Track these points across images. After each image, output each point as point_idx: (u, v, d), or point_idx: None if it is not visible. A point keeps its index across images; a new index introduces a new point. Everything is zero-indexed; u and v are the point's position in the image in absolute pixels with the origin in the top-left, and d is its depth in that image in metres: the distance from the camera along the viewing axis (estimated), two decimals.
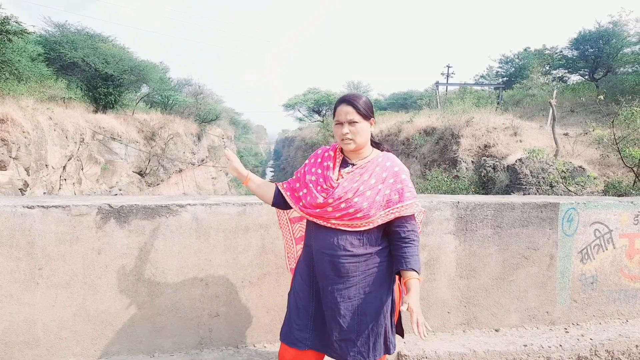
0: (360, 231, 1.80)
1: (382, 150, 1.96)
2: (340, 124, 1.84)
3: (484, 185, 11.95)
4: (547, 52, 28.65)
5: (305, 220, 1.97)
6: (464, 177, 12.42)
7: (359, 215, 1.76)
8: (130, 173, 21.27)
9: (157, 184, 23.57)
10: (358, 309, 1.81)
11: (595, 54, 23.17)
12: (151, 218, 2.32)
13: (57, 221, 2.22)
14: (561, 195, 8.60)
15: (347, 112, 1.81)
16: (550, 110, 16.18)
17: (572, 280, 2.81)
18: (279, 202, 1.99)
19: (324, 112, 38.93)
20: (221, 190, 34.65)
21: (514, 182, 10.45)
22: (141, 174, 22.16)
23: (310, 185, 1.88)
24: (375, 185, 1.80)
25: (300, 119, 43.06)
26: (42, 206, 2.21)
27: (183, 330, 2.40)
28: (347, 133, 1.81)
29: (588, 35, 23.31)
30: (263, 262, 2.47)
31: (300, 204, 1.89)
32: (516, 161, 10.71)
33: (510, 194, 10.34)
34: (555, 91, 16.80)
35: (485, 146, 13.99)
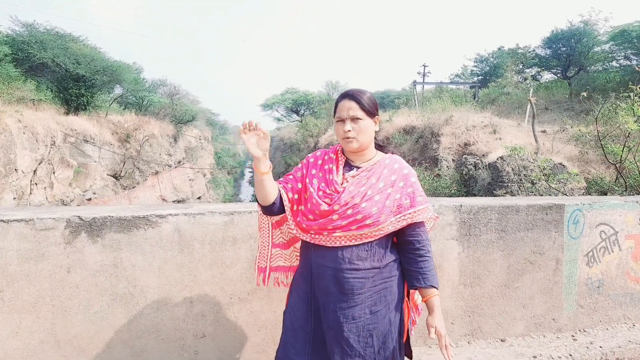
0: (369, 242, 1.61)
1: (386, 153, 1.77)
2: (341, 120, 1.65)
3: (466, 183, 11.95)
4: (520, 51, 29.13)
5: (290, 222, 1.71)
6: (445, 176, 12.39)
7: (367, 222, 1.57)
8: (105, 176, 20.63)
9: (133, 187, 22.95)
10: (364, 330, 1.61)
11: (567, 53, 23.62)
12: (127, 231, 2.08)
13: (19, 237, 1.96)
14: (548, 194, 8.60)
15: (349, 107, 1.62)
16: (530, 108, 16.37)
17: (578, 284, 2.69)
18: (277, 205, 1.68)
19: (302, 112, 38.74)
20: (199, 192, 34.07)
21: (496, 180, 10.46)
22: (116, 176, 21.53)
23: (312, 190, 1.66)
24: (384, 189, 1.62)
25: (279, 119, 42.75)
26: (2, 220, 1.94)
27: (166, 353, 2.17)
28: (350, 130, 1.61)
29: (560, 34, 23.76)
30: (253, 276, 2.23)
31: (298, 219, 1.67)
32: (497, 159, 10.73)
33: (492, 192, 10.34)
34: (532, 89, 16.98)
35: (466, 144, 14.01)
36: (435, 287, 1.60)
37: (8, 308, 1.97)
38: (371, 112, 1.65)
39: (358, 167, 1.70)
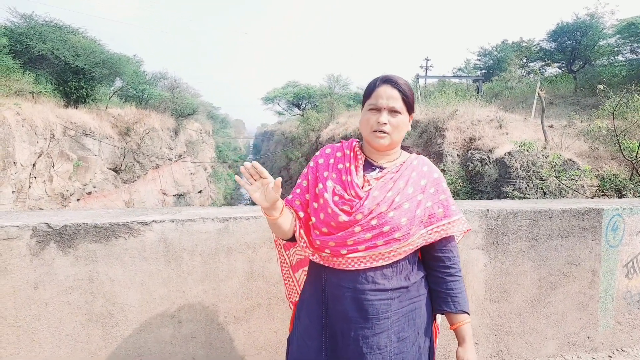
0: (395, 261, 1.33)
1: (410, 153, 1.48)
2: (376, 109, 1.34)
3: (472, 179, 11.65)
4: (524, 44, 28.78)
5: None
6: (450, 172, 12.08)
7: (396, 235, 1.28)
8: (105, 170, 20.39)
9: (134, 181, 22.73)
10: None
11: (572, 46, 23.24)
12: (105, 240, 1.79)
13: None
14: (558, 191, 8.31)
15: (390, 95, 1.32)
16: (536, 102, 16.02)
17: (616, 299, 2.40)
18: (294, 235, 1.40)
19: (303, 105, 38.35)
20: (200, 186, 33.86)
21: (504, 176, 10.15)
22: (116, 170, 21.30)
23: (327, 195, 1.35)
24: (414, 196, 1.33)
25: (280, 113, 42.38)
26: None
27: None
28: (386, 124, 1.32)
29: (566, 27, 23.36)
30: (251, 291, 1.96)
31: (311, 237, 1.37)
32: (505, 154, 10.41)
33: (500, 189, 10.03)
34: (539, 83, 16.62)
35: (471, 139, 13.67)
36: (467, 313, 1.34)
37: None
38: (411, 106, 1.37)
39: (381, 168, 1.39)
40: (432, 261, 1.37)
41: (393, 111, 1.32)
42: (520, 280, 2.25)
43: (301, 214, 1.39)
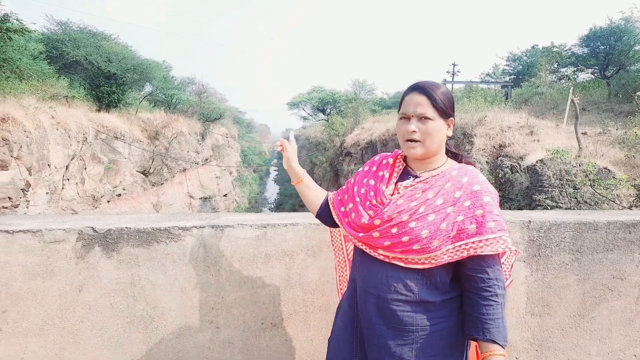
0: (419, 269, 1.29)
1: (460, 162, 1.44)
2: (406, 118, 1.33)
3: (501, 187, 11.41)
4: (555, 49, 28.20)
5: None
6: None
7: (415, 247, 1.26)
8: (134, 172, 20.88)
9: (162, 184, 23.20)
10: None
11: (606, 51, 22.60)
12: (147, 245, 1.82)
13: (25, 250, 1.72)
14: (594, 200, 8.06)
15: (417, 102, 1.31)
16: (568, 108, 15.61)
17: None
18: (324, 215, 1.57)
19: (328, 110, 38.43)
20: (225, 190, 34.28)
21: (536, 184, 9.90)
22: (145, 173, 21.78)
23: (358, 199, 1.41)
24: (442, 208, 1.28)
25: (305, 118, 42.58)
26: (7, 231, 1.71)
27: None
28: (415, 132, 1.30)
29: (599, 32, 22.74)
30: (288, 299, 1.96)
31: (346, 220, 1.43)
32: (537, 162, 10.16)
33: (531, 197, 9.79)
34: (572, 89, 16.19)
35: (501, 146, 13.41)
36: (499, 344, 1.23)
37: (13, 330, 1.74)
38: (445, 112, 1.32)
39: (416, 177, 1.38)
40: (465, 280, 1.30)
41: (423, 118, 1.31)
42: (563, 294, 2.17)
43: (335, 208, 1.51)
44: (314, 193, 1.61)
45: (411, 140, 1.32)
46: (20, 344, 1.75)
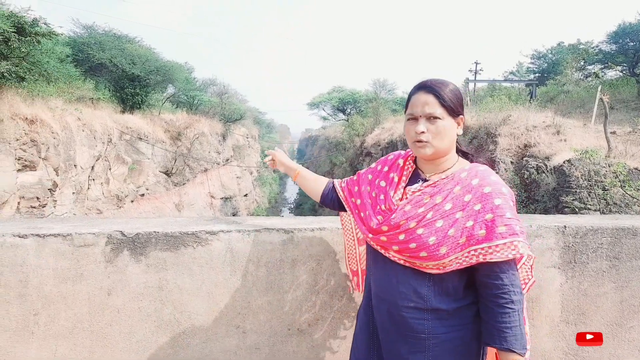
0: (430, 274, 1.26)
1: (471, 162, 1.38)
2: (414, 119, 1.30)
3: (527, 187, 11.17)
4: (582, 46, 27.53)
5: None
6: (504, 179, 11.64)
7: (422, 254, 1.23)
8: (157, 173, 21.21)
9: (183, 184, 23.51)
10: None
11: (636, 48, 21.94)
12: (174, 249, 1.82)
13: (56, 254, 1.74)
14: (623, 202, 7.82)
15: (425, 102, 1.27)
16: (596, 107, 15.19)
17: None
18: (330, 199, 1.61)
19: (348, 110, 38.32)
20: (245, 190, 34.54)
21: (562, 185, 9.65)
22: (167, 173, 22.11)
23: (369, 201, 1.40)
24: (451, 213, 1.24)
25: (325, 118, 42.57)
26: (38, 235, 1.73)
27: None
28: (423, 132, 1.26)
29: (628, 27, 22.08)
30: (315, 304, 1.93)
31: (357, 214, 1.45)
32: (564, 162, 9.91)
33: (558, 199, 9.55)
34: (600, 87, 15.74)
35: (526, 146, 13.13)
36: (517, 353, 1.18)
37: (43, 333, 1.76)
38: (454, 110, 1.28)
39: (426, 180, 1.34)
40: (479, 286, 1.26)
41: (431, 117, 1.27)
42: (600, 303, 2.09)
43: (344, 193, 1.56)
44: (314, 182, 1.69)
45: (420, 141, 1.28)
46: (50, 347, 1.77)
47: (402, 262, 1.29)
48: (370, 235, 1.34)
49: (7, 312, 1.72)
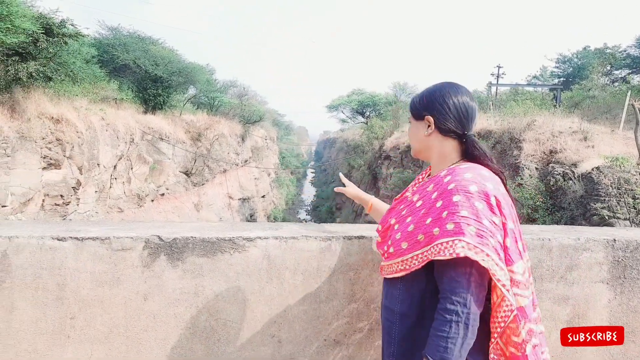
0: (398, 278, 1.29)
1: (478, 162, 1.30)
2: None
3: (553, 194, 10.91)
4: (608, 50, 26.90)
5: None
6: (528, 186, 11.41)
7: (391, 250, 1.31)
8: (177, 173, 21.45)
9: (202, 184, 23.72)
10: None
11: None
12: (211, 255, 1.78)
13: (94, 257, 1.73)
14: None
15: None
16: (625, 113, 14.78)
17: None
18: None
19: (367, 113, 38.16)
20: (263, 191, 34.68)
21: (591, 192, 9.40)
22: (187, 173, 22.33)
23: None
24: (418, 210, 1.26)
25: (344, 121, 42.48)
26: (77, 238, 1.72)
27: None
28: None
29: None
30: (352, 315, 1.88)
31: None
32: (593, 169, 9.65)
33: (586, 207, 9.30)
34: (629, 92, 15.33)
35: (551, 152, 12.84)
36: None
37: (79, 337, 1.74)
38: (418, 113, 1.36)
39: None
40: None
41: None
42: None
43: None
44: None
45: None
46: (86, 351, 1.75)
47: (385, 273, 1.36)
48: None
49: (44, 314, 1.71)
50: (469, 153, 1.30)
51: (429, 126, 1.32)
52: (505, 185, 1.29)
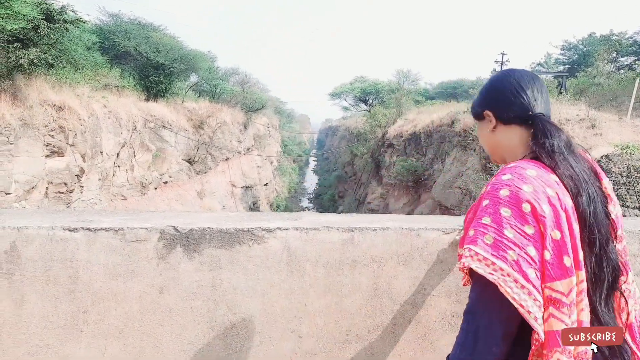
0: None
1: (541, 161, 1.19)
2: None
3: None
4: (614, 37, 26.54)
5: None
6: None
7: (460, 251, 1.25)
8: (180, 161, 21.36)
9: (205, 172, 23.65)
10: None
11: None
12: (229, 246, 1.70)
13: (107, 249, 1.64)
14: None
15: None
16: (633, 100, 14.59)
17: None
18: None
19: (370, 101, 37.88)
20: (266, 179, 34.63)
21: None
22: (190, 161, 22.25)
23: None
24: (473, 210, 1.17)
25: (346, 108, 42.19)
26: (89, 229, 1.63)
27: None
28: None
29: None
30: (375, 309, 1.80)
31: None
32: (602, 157, 9.53)
33: None
34: (638, 80, 15.13)
35: None
36: None
37: (93, 331, 1.67)
38: (479, 114, 1.24)
39: None
40: None
41: None
42: None
43: None
44: None
45: None
46: (99, 346, 1.68)
47: None
48: None
49: (55, 308, 1.64)
50: (540, 144, 1.09)
51: (490, 121, 1.21)
52: (569, 189, 1.04)
